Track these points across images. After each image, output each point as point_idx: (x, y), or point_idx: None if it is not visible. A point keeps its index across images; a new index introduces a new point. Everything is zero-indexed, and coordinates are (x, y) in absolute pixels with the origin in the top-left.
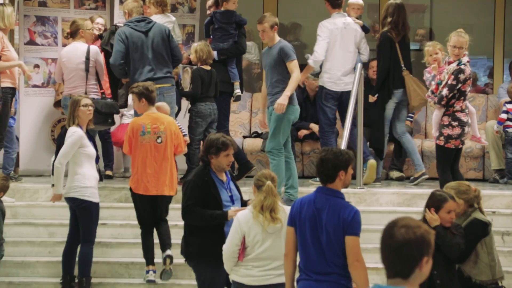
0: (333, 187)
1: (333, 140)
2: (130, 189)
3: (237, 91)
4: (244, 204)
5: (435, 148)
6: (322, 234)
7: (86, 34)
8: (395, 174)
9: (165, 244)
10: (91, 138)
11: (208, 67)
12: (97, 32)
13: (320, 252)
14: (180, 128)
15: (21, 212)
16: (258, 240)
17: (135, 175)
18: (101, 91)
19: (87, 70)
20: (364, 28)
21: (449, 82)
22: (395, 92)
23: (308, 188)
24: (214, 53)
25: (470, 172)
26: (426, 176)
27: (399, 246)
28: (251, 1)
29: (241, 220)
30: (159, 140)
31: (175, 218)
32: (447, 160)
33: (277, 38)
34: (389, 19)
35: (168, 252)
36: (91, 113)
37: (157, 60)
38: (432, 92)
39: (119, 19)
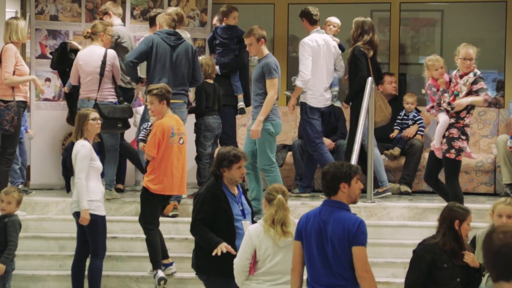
0: (337, 200)
1: (327, 150)
2: (147, 190)
3: (241, 103)
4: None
5: (442, 160)
6: (328, 246)
7: (107, 38)
8: (403, 188)
9: (164, 251)
10: (97, 152)
11: (211, 81)
12: None
13: (326, 264)
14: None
15: (32, 226)
16: (269, 254)
17: (159, 176)
18: (118, 95)
19: (101, 74)
20: (340, 47)
21: (480, 87)
22: None
23: (319, 202)
24: (217, 67)
25: (481, 186)
26: (390, 193)
27: (498, 250)
28: (262, 13)
29: (252, 234)
30: (181, 141)
31: (185, 231)
32: (457, 174)
33: (265, 52)
34: (365, 37)
35: (161, 274)
36: (100, 126)
37: (176, 76)
38: (449, 104)
39: (131, 33)
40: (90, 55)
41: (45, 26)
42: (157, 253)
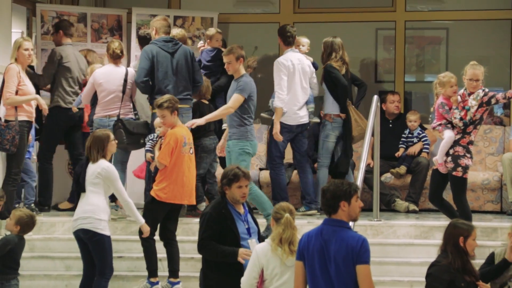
0: (337, 218)
1: (284, 172)
2: (153, 199)
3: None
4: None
5: (445, 176)
6: (331, 265)
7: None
8: (411, 206)
9: (175, 270)
10: None
11: (206, 102)
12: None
13: (329, 284)
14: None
15: (38, 246)
16: (277, 273)
17: (170, 184)
18: (135, 112)
19: (123, 92)
20: (314, 65)
21: (492, 94)
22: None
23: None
24: None
25: (488, 205)
26: None
27: None
28: (268, 31)
29: (260, 253)
30: (191, 151)
31: (191, 251)
32: (465, 191)
33: (242, 71)
34: (335, 55)
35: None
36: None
37: (179, 81)
38: (461, 119)
39: (136, 52)
40: (113, 74)
41: (51, 46)
42: (155, 262)
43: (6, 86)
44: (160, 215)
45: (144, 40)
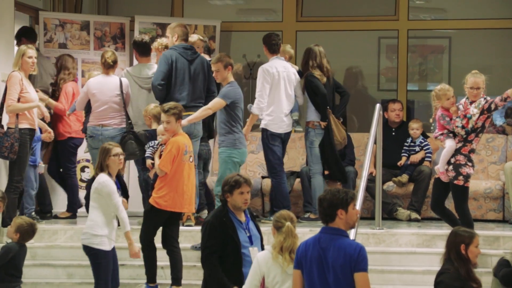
0: (335, 226)
1: (285, 180)
2: (153, 207)
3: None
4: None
5: (447, 185)
6: (329, 273)
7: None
8: (413, 215)
9: (178, 278)
10: (120, 184)
11: None
12: None
13: None
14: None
15: (40, 253)
16: (278, 281)
17: (170, 192)
18: (129, 121)
19: (122, 102)
20: (300, 73)
21: (492, 100)
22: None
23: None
24: None
25: (490, 213)
26: None
27: None
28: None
29: (261, 261)
30: (191, 159)
31: (193, 259)
32: (467, 200)
33: (230, 79)
34: (312, 62)
35: None
36: (122, 162)
37: (194, 89)
38: (463, 127)
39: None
40: (106, 84)
41: (53, 54)
42: (154, 268)
43: (9, 94)
44: (160, 223)
45: (141, 47)
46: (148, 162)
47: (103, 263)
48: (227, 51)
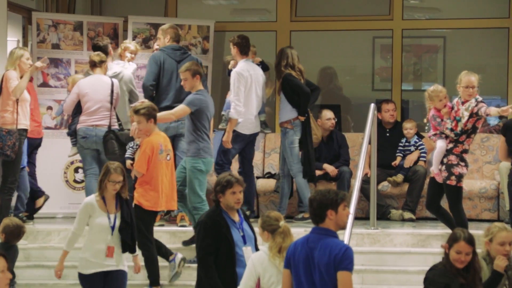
0: (325, 227)
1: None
2: (140, 207)
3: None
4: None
5: (442, 185)
6: (315, 273)
7: (106, 66)
8: (407, 215)
9: (168, 251)
10: (122, 204)
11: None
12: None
13: None
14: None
15: (33, 254)
16: (273, 281)
17: (148, 191)
18: (119, 122)
19: (111, 102)
20: (263, 64)
21: (481, 105)
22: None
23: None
24: None
25: (485, 213)
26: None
27: None
28: (265, 40)
29: (256, 262)
30: (168, 158)
31: (188, 258)
32: (460, 200)
33: (199, 87)
34: (283, 62)
35: (180, 255)
36: (117, 189)
37: (180, 90)
38: (452, 130)
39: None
40: (99, 84)
41: (46, 54)
42: (157, 269)
43: (9, 86)
44: (151, 221)
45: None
46: (128, 162)
47: (83, 286)
48: (221, 51)
